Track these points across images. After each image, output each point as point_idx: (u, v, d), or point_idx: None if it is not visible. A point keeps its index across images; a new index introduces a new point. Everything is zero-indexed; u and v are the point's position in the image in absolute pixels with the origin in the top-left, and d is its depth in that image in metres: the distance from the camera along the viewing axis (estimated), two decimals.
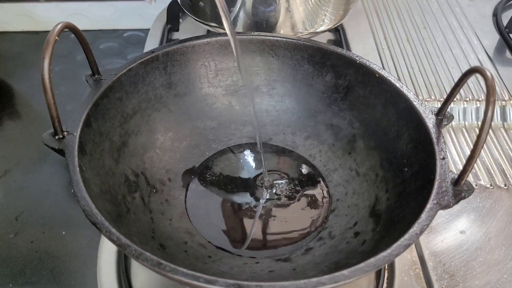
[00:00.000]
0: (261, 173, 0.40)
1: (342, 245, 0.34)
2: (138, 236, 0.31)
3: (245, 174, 0.41)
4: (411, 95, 0.35)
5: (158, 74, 0.40)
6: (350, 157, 0.40)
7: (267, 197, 0.39)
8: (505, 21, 0.62)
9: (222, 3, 0.32)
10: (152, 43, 0.58)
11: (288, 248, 0.35)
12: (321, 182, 0.40)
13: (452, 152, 0.46)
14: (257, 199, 0.39)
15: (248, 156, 0.42)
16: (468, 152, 0.45)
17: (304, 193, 0.39)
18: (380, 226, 0.33)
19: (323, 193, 0.39)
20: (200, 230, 0.36)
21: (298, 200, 0.39)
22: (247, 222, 0.37)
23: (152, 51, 0.39)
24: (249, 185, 0.40)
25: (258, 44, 0.42)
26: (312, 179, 0.40)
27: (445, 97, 0.33)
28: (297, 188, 0.40)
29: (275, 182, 0.40)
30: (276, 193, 0.39)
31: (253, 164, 0.42)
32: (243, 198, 0.39)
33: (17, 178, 0.45)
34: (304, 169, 0.41)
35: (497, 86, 0.52)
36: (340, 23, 0.51)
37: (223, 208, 0.38)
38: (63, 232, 0.40)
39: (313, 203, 0.39)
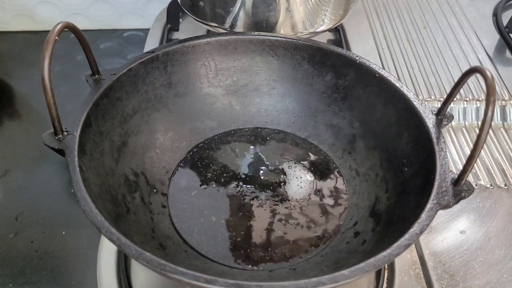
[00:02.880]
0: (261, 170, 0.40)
1: (342, 245, 0.34)
2: (138, 236, 0.31)
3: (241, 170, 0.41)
4: (411, 95, 0.35)
5: (158, 74, 0.40)
6: (350, 157, 0.40)
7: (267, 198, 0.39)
8: (505, 21, 0.62)
9: None
10: (152, 43, 0.58)
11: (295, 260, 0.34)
12: (339, 180, 0.40)
13: (452, 152, 0.46)
14: (257, 200, 0.38)
15: (247, 153, 0.42)
16: (468, 152, 0.45)
17: (316, 193, 0.39)
18: (380, 226, 0.33)
19: (338, 195, 0.39)
20: (195, 243, 0.36)
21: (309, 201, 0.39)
22: (247, 229, 0.37)
23: (152, 51, 0.39)
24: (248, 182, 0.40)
25: (258, 44, 0.42)
26: (325, 174, 0.40)
27: (445, 97, 0.33)
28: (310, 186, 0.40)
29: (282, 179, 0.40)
30: (279, 194, 0.39)
31: (252, 161, 0.42)
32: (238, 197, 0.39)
33: (17, 178, 0.45)
34: (315, 161, 0.41)
35: (497, 86, 0.52)
36: (340, 23, 0.51)
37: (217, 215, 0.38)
38: (63, 232, 0.40)
39: (326, 207, 0.39)
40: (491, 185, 0.43)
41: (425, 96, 0.51)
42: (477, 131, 0.48)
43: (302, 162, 0.41)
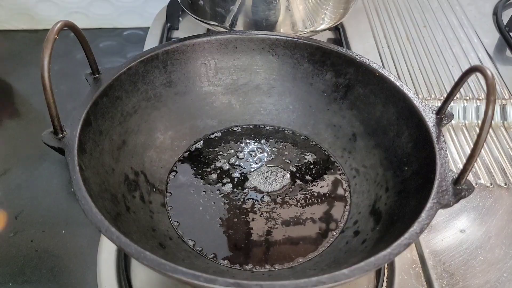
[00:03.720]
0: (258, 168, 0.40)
1: (342, 244, 0.34)
2: (138, 235, 0.31)
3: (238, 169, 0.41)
4: (411, 94, 0.35)
5: (158, 73, 0.40)
6: (350, 156, 0.40)
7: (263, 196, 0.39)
8: (505, 19, 0.62)
9: None
10: (151, 41, 0.58)
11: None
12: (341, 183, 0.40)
13: (452, 151, 0.46)
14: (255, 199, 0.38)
15: (247, 152, 0.42)
16: (468, 151, 0.45)
17: (317, 190, 0.39)
18: (380, 225, 0.33)
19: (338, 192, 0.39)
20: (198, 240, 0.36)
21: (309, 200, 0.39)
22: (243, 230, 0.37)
23: (152, 50, 0.39)
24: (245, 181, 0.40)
25: (258, 43, 0.42)
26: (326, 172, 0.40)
27: (445, 96, 0.33)
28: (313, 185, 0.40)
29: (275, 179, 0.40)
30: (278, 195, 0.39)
31: (251, 158, 0.42)
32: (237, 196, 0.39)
33: (17, 177, 0.45)
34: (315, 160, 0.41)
35: (497, 85, 0.52)
36: (340, 21, 0.51)
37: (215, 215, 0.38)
38: (63, 231, 0.40)
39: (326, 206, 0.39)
40: (491, 184, 0.43)
41: (425, 95, 0.51)
42: (477, 130, 0.48)
43: (302, 161, 0.41)
